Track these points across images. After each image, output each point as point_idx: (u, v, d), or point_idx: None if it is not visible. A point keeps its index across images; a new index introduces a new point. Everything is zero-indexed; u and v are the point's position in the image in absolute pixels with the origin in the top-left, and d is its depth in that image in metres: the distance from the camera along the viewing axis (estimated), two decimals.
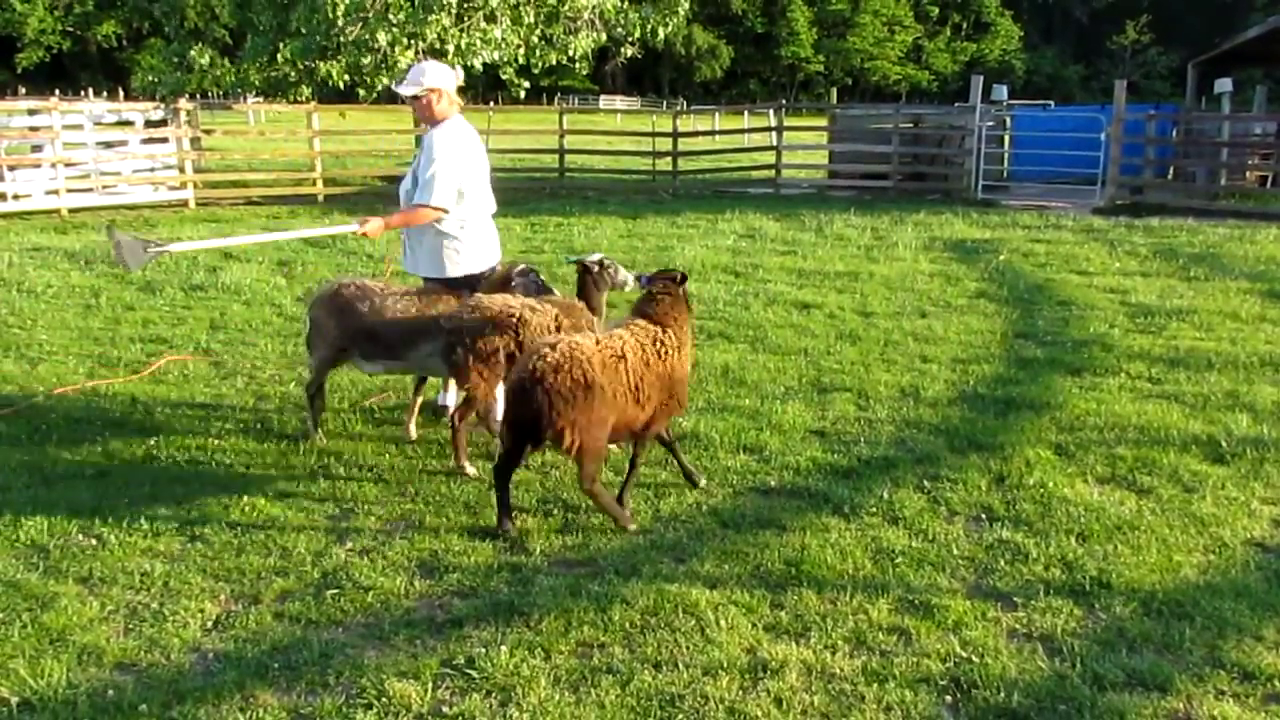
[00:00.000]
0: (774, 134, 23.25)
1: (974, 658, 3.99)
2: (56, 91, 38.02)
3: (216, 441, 6.39)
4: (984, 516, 5.34)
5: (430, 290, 6.33)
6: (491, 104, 34.34)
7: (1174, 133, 20.97)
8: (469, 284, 6.42)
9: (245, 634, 4.19)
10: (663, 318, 5.44)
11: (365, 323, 6.14)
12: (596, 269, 6.36)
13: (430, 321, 6.06)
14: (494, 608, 4.35)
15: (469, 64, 19.42)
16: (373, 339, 6.18)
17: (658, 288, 5.58)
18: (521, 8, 20.02)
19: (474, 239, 6.47)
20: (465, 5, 19.47)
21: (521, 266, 6.62)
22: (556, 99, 61.33)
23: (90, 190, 18.09)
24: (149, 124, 19.41)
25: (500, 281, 6.55)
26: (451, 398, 6.90)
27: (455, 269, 6.44)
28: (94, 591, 4.53)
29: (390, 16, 18.60)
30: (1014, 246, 14.00)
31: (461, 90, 6.51)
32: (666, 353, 5.34)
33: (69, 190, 17.63)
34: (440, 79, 6.25)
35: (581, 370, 4.91)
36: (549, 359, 4.91)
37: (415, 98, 6.26)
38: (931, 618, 4.29)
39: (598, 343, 5.11)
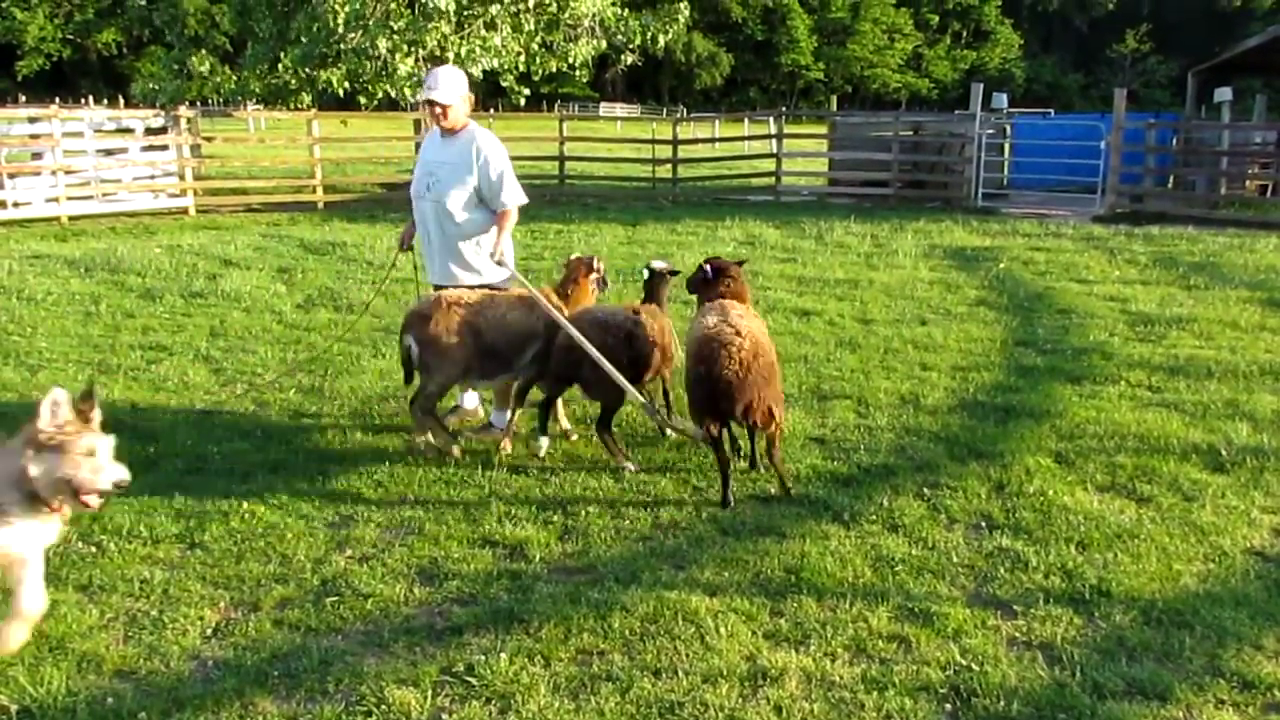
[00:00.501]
0: (774, 141, 23.27)
1: (974, 666, 3.99)
2: (57, 99, 38.05)
3: (216, 448, 6.39)
4: (984, 524, 5.34)
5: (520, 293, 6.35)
6: (492, 111, 34.39)
7: (1174, 141, 20.98)
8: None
9: (245, 641, 4.18)
10: (745, 298, 5.95)
11: (488, 339, 6.06)
12: (670, 276, 6.76)
13: (534, 325, 6.14)
14: (494, 615, 4.35)
15: (469, 71, 19.44)
16: (493, 356, 6.13)
17: (733, 272, 6.06)
18: (522, 15, 20.06)
19: (509, 244, 6.48)
20: (465, 13, 19.51)
21: (598, 261, 6.87)
22: (557, 106, 61.49)
23: (90, 198, 18.08)
24: (149, 131, 19.41)
25: (585, 266, 6.78)
26: (472, 399, 6.97)
27: (493, 275, 6.47)
28: (93, 599, 4.53)
29: (391, 24, 18.64)
30: (1014, 254, 14.01)
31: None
32: None
33: (69, 198, 17.62)
34: (464, 84, 6.35)
35: (768, 353, 5.40)
36: (744, 347, 5.25)
37: (447, 104, 6.22)
38: (931, 625, 4.29)
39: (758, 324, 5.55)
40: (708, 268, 6.05)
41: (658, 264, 6.71)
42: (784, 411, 5.52)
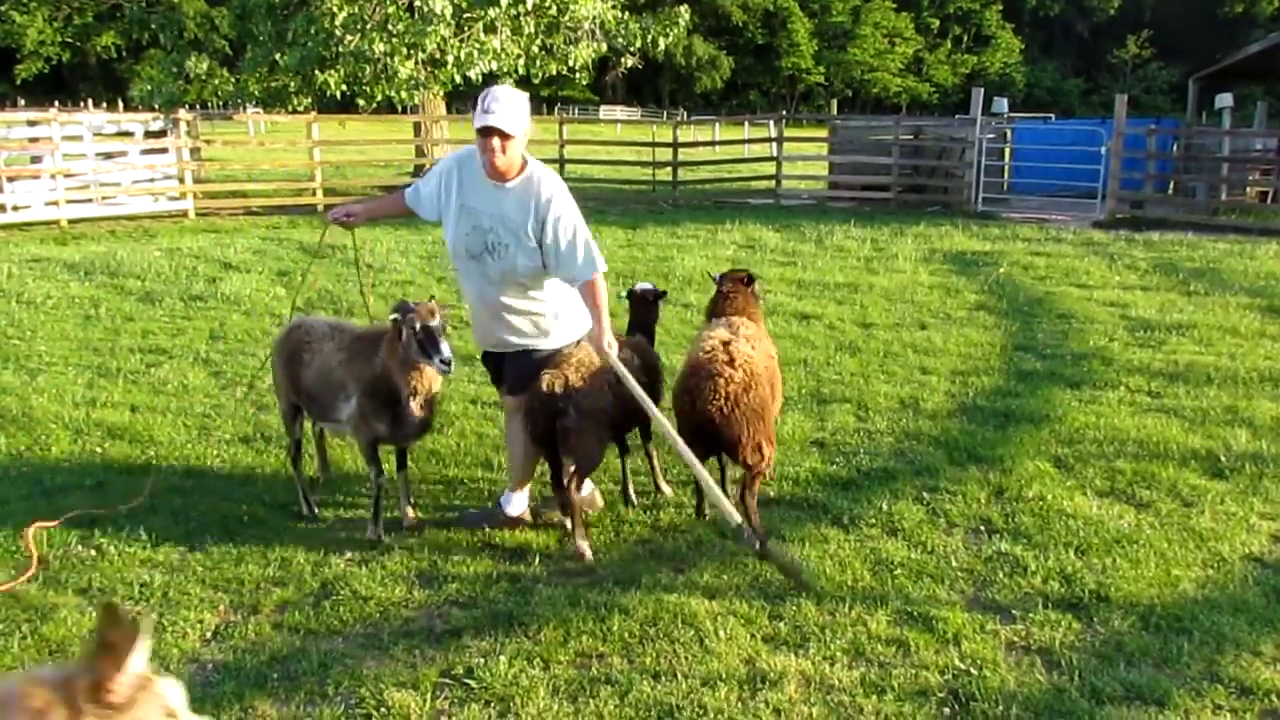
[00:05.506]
0: (774, 145, 23.29)
1: (972, 670, 3.99)
2: (56, 103, 38.04)
3: (215, 452, 6.39)
4: (983, 529, 5.34)
5: None
6: None
7: (1174, 147, 20.99)
8: None
9: (244, 644, 4.19)
10: (754, 314, 5.82)
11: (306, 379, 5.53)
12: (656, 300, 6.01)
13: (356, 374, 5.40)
14: (493, 618, 4.36)
15: (468, 75, 19.44)
16: (312, 398, 5.55)
17: (753, 286, 5.96)
18: (522, 18, 20.05)
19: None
20: (465, 16, 19.51)
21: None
22: (557, 109, 61.55)
23: (90, 201, 18.07)
24: (148, 134, 19.40)
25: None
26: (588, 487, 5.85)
27: (561, 338, 5.32)
28: (93, 602, 4.52)
29: (390, 27, 18.63)
30: (1014, 259, 14.02)
31: (464, 100, 6.43)
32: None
33: (68, 201, 17.60)
34: (527, 109, 4.91)
35: (762, 386, 5.03)
36: (735, 379, 4.90)
37: (511, 134, 4.75)
38: (930, 630, 4.29)
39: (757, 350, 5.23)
40: (718, 278, 5.98)
41: (642, 286, 5.99)
42: (773, 451, 5.11)
